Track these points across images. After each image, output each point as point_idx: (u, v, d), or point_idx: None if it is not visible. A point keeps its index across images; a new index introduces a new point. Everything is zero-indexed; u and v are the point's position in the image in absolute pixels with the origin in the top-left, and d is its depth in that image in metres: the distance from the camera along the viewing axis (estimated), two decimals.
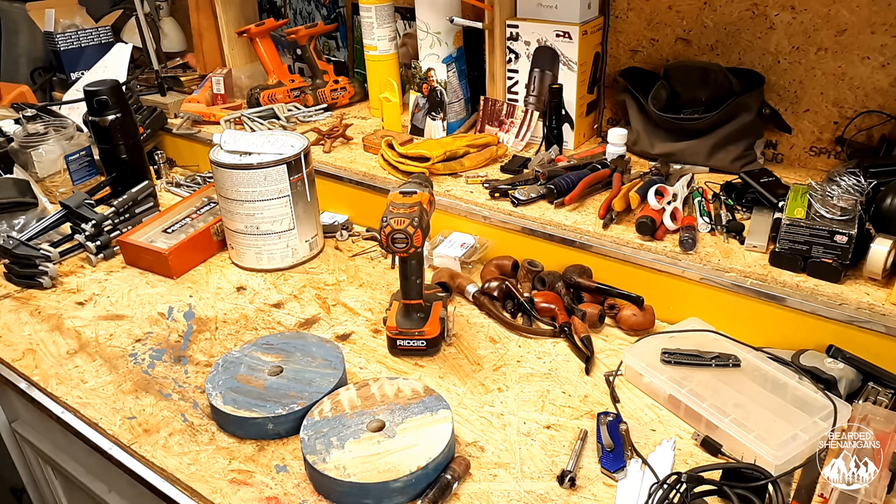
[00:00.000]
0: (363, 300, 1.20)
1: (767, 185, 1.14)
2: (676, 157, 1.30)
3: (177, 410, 0.96)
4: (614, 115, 1.48)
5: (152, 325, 1.16)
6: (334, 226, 1.41)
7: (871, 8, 1.12)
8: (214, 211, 1.44)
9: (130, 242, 1.32)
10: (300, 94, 1.76)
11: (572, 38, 1.33)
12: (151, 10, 2.05)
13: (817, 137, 1.25)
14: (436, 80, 1.46)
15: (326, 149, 1.52)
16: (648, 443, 0.87)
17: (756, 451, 0.80)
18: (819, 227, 0.96)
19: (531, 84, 1.42)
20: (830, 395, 0.87)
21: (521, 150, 1.44)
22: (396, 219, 0.97)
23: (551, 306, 1.10)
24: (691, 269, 1.05)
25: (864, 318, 0.92)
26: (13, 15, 2.17)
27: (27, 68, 2.22)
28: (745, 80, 1.23)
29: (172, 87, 1.92)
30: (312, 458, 0.80)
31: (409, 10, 1.64)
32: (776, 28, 1.22)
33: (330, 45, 1.92)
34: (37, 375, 1.05)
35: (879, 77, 1.15)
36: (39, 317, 1.19)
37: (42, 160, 1.61)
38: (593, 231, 1.14)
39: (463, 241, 1.26)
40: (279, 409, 0.89)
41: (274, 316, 1.17)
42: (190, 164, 1.78)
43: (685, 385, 0.91)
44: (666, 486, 0.76)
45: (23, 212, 1.43)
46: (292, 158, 1.23)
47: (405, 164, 1.34)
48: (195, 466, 0.87)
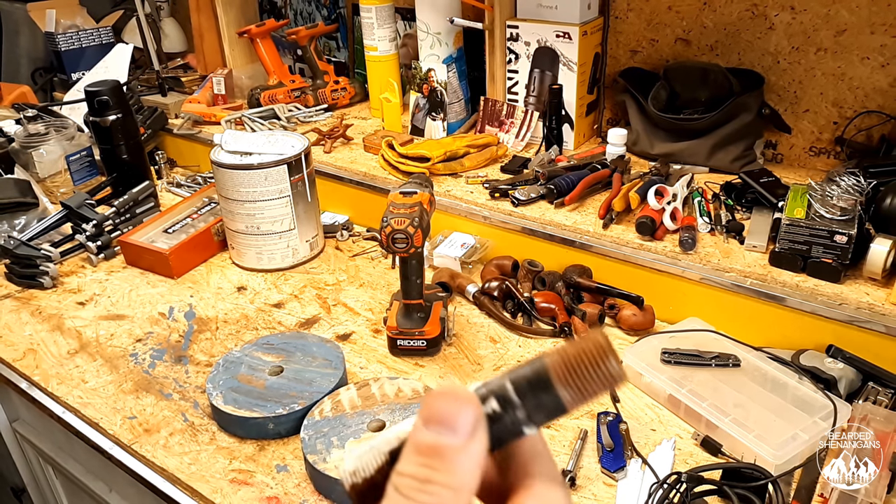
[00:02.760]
0: (363, 300, 1.20)
1: (767, 186, 1.14)
2: (676, 157, 1.30)
3: (177, 410, 0.96)
4: (614, 115, 1.49)
5: (153, 325, 1.16)
6: (335, 226, 1.41)
7: (871, 8, 1.12)
8: (215, 211, 1.44)
9: (131, 242, 1.32)
10: (301, 95, 1.76)
11: (572, 39, 1.33)
12: (152, 10, 2.05)
13: (817, 137, 1.25)
14: (436, 80, 1.46)
15: (327, 149, 1.52)
16: (648, 442, 0.87)
17: (756, 450, 0.80)
18: (819, 227, 0.97)
19: (531, 84, 1.42)
20: (830, 394, 0.87)
21: (521, 150, 1.44)
22: (397, 219, 0.97)
23: (551, 306, 1.10)
24: (691, 269, 1.05)
25: (864, 317, 0.92)
26: (14, 15, 2.18)
27: (28, 69, 2.22)
28: (745, 81, 1.23)
29: (173, 88, 1.92)
30: (313, 458, 0.80)
31: (409, 10, 1.64)
32: (776, 28, 1.22)
33: (330, 46, 1.92)
34: (37, 375, 1.05)
35: (879, 77, 1.15)
36: (40, 317, 1.19)
37: (43, 160, 1.61)
38: (593, 231, 1.14)
39: (463, 241, 1.26)
40: (280, 409, 0.89)
41: (274, 316, 1.17)
42: (191, 165, 1.78)
43: (685, 385, 0.91)
44: (666, 485, 0.76)
45: (23, 212, 1.43)
46: (293, 159, 1.23)
47: (405, 165, 1.34)
48: (196, 466, 0.87)
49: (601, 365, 0.26)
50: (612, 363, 0.26)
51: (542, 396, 0.27)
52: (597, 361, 0.26)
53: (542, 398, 0.27)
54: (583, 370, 0.26)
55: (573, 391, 0.26)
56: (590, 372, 0.26)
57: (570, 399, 0.27)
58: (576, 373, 0.26)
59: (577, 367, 0.26)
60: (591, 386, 0.26)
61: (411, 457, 0.25)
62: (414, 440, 0.26)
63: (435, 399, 0.26)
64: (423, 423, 0.26)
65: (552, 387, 0.26)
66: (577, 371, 0.26)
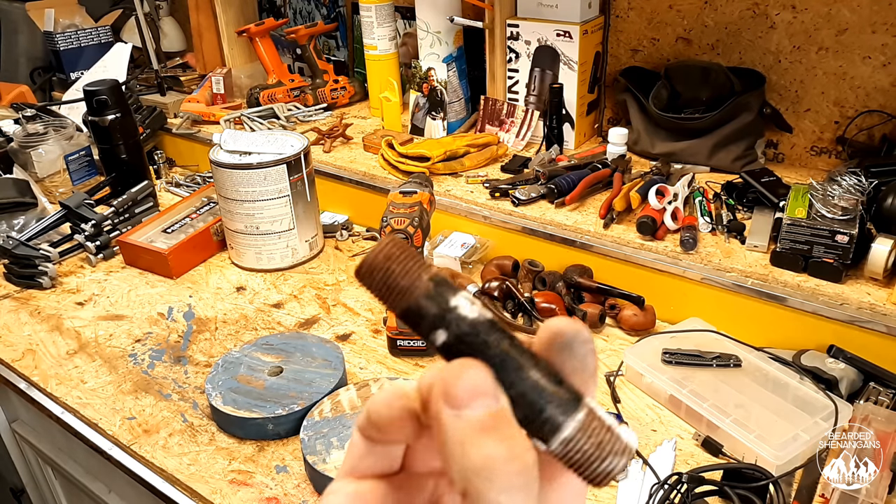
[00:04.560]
0: (363, 300, 1.20)
1: (768, 185, 1.14)
2: (677, 156, 1.29)
3: (176, 411, 0.96)
4: (615, 114, 1.48)
5: (152, 325, 1.15)
6: (334, 226, 1.41)
7: (872, 7, 1.11)
8: (214, 211, 1.44)
9: (130, 242, 1.32)
10: (300, 94, 1.76)
11: (573, 38, 1.32)
12: (151, 9, 2.05)
13: (818, 137, 1.25)
14: (436, 79, 1.45)
15: (326, 148, 1.52)
16: (649, 443, 0.87)
17: (757, 451, 0.80)
18: (820, 227, 0.96)
19: (531, 83, 1.42)
20: (831, 395, 0.87)
21: (521, 149, 1.44)
22: (396, 219, 0.97)
23: (552, 306, 1.10)
24: (692, 268, 1.05)
25: (866, 318, 0.92)
26: (13, 15, 2.17)
27: (27, 68, 2.21)
28: (746, 80, 1.23)
29: (172, 87, 1.92)
30: (313, 459, 0.80)
31: (409, 9, 1.64)
32: (777, 27, 1.22)
33: (330, 45, 1.92)
34: (36, 376, 1.05)
35: (880, 76, 1.15)
36: (39, 317, 1.19)
37: (42, 160, 1.61)
38: (594, 231, 1.14)
39: (463, 241, 1.26)
40: (279, 410, 0.89)
41: (274, 316, 1.17)
42: (190, 164, 1.78)
43: (686, 385, 0.90)
44: (667, 486, 0.76)
45: (22, 212, 1.43)
46: (292, 158, 1.23)
47: (405, 164, 1.34)
48: (195, 467, 0.86)
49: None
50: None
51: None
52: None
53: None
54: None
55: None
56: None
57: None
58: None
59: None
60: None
61: (478, 441, 0.21)
62: (458, 426, 0.21)
63: (454, 378, 0.22)
64: (459, 404, 0.21)
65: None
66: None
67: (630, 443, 0.23)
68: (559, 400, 0.23)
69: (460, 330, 0.24)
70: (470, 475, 0.20)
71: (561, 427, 0.22)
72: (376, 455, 0.26)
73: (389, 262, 0.25)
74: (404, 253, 0.25)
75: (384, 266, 0.25)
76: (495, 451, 0.20)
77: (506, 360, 0.23)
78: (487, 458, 0.20)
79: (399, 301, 0.24)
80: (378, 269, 0.25)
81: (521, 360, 0.23)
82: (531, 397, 0.23)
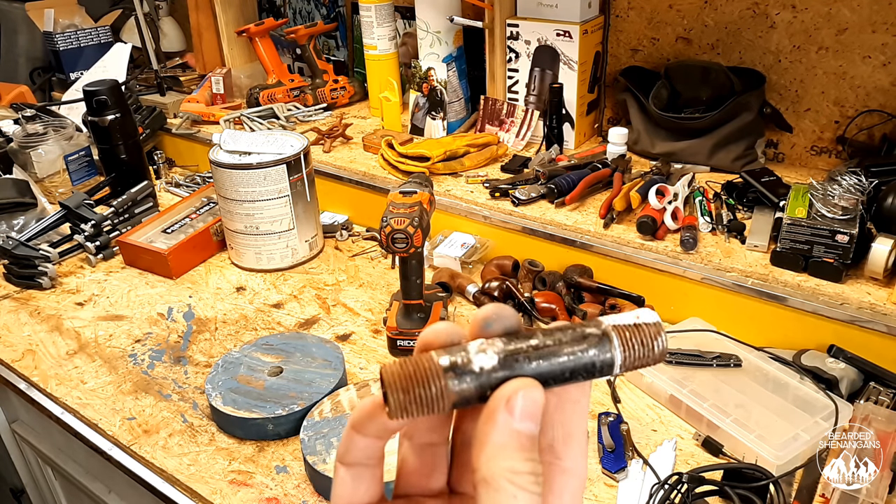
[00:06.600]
0: (363, 300, 1.20)
1: (768, 185, 1.13)
2: (677, 156, 1.29)
3: (176, 411, 0.96)
4: (615, 114, 1.48)
5: (152, 325, 1.15)
6: (334, 226, 1.41)
7: (872, 7, 1.11)
8: (214, 211, 1.44)
9: (130, 243, 1.32)
10: (300, 94, 1.76)
11: (573, 38, 1.32)
12: (151, 9, 2.05)
13: (818, 137, 1.25)
14: (436, 79, 1.45)
15: (326, 148, 1.52)
16: (649, 443, 0.87)
17: (757, 451, 0.80)
18: (820, 227, 0.96)
19: (531, 83, 1.42)
20: (832, 395, 0.87)
21: (521, 149, 1.44)
22: (396, 219, 0.97)
23: (552, 306, 1.10)
24: (692, 268, 1.05)
25: (866, 317, 0.92)
26: (12, 15, 2.17)
27: (26, 68, 2.21)
28: (746, 80, 1.23)
29: (172, 87, 1.92)
30: (312, 459, 0.80)
31: (408, 9, 1.64)
32: (777, 27, 1.22)
33: (329, 45, 1.92)
34: (36, 376, 1.05)
35: (880, 76, 1.15)
36: (39, 317, 1.19)
37: (41, 160, 1.60)
38: (594, 231, 1.14)
39: (463, 241, 1.26)
40: (279, 410, 0.89)
41: (274, 316, 1.17)
42: (189, 164, 1.78)
43: (686, 385, 0.90)
44: (667, 486, 0.76)
45: (22, 212, 1.43)
46: (292, 158, 1.23)
47: (405, 164, 1.34)
48: (195, 467, 0.86)
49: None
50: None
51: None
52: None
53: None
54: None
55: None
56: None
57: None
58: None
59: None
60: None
61: (518, 453, 0.25)
62: (506, 429, 0.25)
63: (525, 393, 0.26)
64: (520, 418, 0.26)
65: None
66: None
67: (655, 321, 0.28)
68: (594, 348, 0.27)
69: (499, 377, 0.27)
70: (497, 475, 0.25)
71: (613, 362, 0.27)
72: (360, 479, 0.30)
73: (407, 387, 0.27)
74: (403, 370, 0.27)
75: (407, 396, 0.27)
76: (522, 467, 0.25)
77: (540, 358, 0.27)
78: (512, 469, 0.25)
79: (442, 405, 0.27)
80: (408, 404, 0.27)
81: (547, 348, 0.27)
82: (578, 363, 0.27)
